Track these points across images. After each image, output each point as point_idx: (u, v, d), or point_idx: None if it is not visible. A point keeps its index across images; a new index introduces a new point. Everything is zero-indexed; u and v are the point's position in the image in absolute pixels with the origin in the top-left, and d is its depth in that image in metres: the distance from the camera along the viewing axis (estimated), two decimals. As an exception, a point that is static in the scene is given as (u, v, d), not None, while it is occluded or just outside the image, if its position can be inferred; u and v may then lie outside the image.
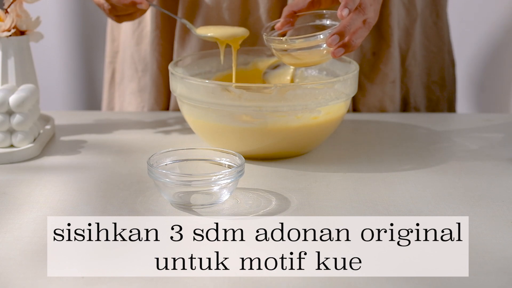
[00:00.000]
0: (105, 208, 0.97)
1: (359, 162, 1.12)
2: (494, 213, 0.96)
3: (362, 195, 1.01)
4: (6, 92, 1.13)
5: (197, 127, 1.14)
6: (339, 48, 1.08)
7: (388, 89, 1.36)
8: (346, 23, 1.07)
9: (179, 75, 1.12)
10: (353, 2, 1.06)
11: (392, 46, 1.34)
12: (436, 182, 1.05)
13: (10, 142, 1.14)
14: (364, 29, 1.09)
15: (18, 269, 0.83)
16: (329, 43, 1.07)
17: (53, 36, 2.37)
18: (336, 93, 1.10)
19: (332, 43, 1.07)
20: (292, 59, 1.12)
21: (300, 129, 1.10)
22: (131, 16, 1.23)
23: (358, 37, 1.08)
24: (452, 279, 0.82)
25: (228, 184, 0.96)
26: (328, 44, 1.07)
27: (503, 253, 0.87)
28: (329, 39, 1.07)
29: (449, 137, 1.25)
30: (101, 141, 1.21)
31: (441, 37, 1.40)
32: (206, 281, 0.81)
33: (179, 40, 1.33)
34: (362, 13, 1.08)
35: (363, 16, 1.08)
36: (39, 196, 1.01)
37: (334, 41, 1.07)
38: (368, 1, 1.08)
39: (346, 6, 1.06)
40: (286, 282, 0.81)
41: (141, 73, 1.39)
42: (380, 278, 0.82)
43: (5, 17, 1.17)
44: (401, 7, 1.35)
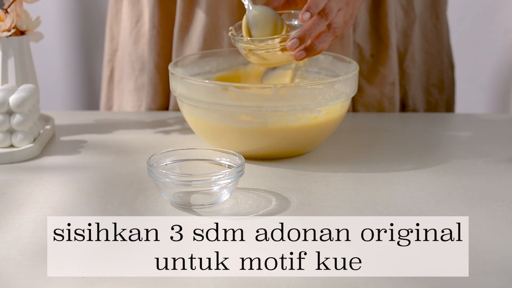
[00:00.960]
0: (105, 208, 0.97)
1: (359, 162, 1.12)
2: (494, 213, 0.96)
3: (362, 195, 1.01)
4: (6, 92, 1.13)
5: (197, 127, 1.14)
6: (301, 52, 1.09)
7: (387, 90, 1.36)
8: (307, 27, 1.07)
9: (179, 75, 1.12)
10: (315, 6, 1.06)
11: (390, 48, 1.34)
12: (436, 182, 1.05)
13: (10, 142, 1.14)
14: (328, 34, 1.09)
15: (18, 269, 0.83)
16: (289, 46, 1.08)
17: (53, 36, 2.37)
18: (336, 93, 1.10)
19: (292, 47, 1.08)
20: (259, 59, 1.13)
21: (300, 129, 1.10)
22: None
23: (321, 41, 1.09)
24: (452, 279, 0.82)
25: (228, 184, 0.96)
26: (288, 48, 1.08)
27: (503, 253, 0.87)
28: (289, 43, 1.08)
29: (449, 137, 1.25)
30: (101, 141, 1.21)
31: (440, 39, 1.40)
32: (206, 281, 0.81)
33: (178, 39, 1.32)
34: (325, 18, 1.08)
35: (325, 21, 1.08)
36: (39, 196, 1.01)
37: (294, 45, 1.08)
38: (335, 6, 1.08)
39: (308, 10, 1.06)
40: (286, 282, 0.81)
41: (138, 72, 1.38)
42: (380, 278, 0.82)
43: (5, 17, 1.17)
44: (399, 9, 1.35)
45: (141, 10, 1.36)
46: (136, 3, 1.36)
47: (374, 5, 1.33)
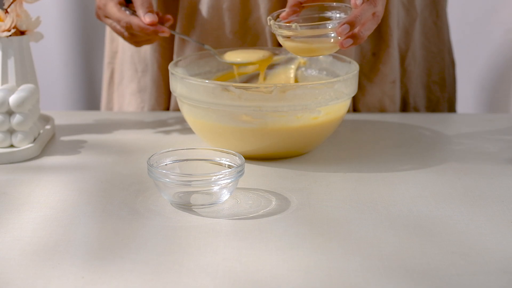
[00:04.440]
0: (105, 208, 0.97)
1: (359, 162, 1.12)
2: (494, 213, 0.96)
3: (362, 195, 1.01)
4: (6, 92, 1.13)
5: (197, 127, 1.14)
6: (348, 39, 1.08)
7: (388, 89, 1.36)
8: (358, 13, 1.07)
9: (179, 75, 1.12)
10: None
11: (391, 46, 1.34)
12: (436, 182, 1.06)
13: (10, 142, 1.14)
14: (372, 22, 1.09)
15: (18, 269, 0.83)
16: (339, 32, 1.07)
17: (53, 36, 2.37)
18: (336, 93, 1.10)
19: (343, 32, 1.06)
20: (297, 46, 1.12)
21: (300, 129, 1.10)
22: (149, 41, 1.25)
23: (366, 29, 1.08)
24: (452, 279, 0.82)
25: (228, 184, 0.96)
26: (338, 33, 1.07)
27: (503, 253, 0.87)
28: (340, 28, 1.06)
29: (449, 137, 1.25)
30: (101, 141, 1.21)
31: (441, 37, 1.40)
32: (206, 281, 0.81)
33: (179, 41, 1.33)
34: (373, 5, 1.07)
35: (373, 8, 1.08)
36: (39, 196, 1.01)
37: (345, 30, 1.06)
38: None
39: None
40: (286, 282, 0.81)
41: (141, 73, 1.39)
42: (380, 278, 0.82)
43: (5, 17, 1.17)
44: (401, 7, 1.35)
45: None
46: (137, 3, 1.36)
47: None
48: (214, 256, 0.86)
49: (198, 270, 0.83)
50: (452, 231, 0.92)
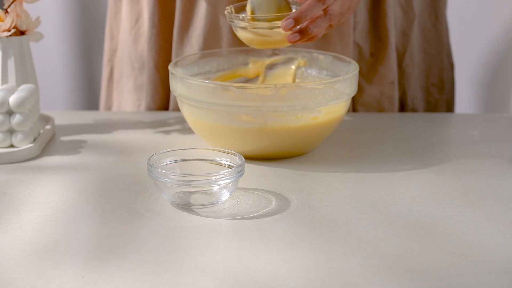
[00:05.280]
0: (105, 208, 0.97)
1: (359, 162, 1.12)
2: (494, 213, 0.96)
3: (362, 195, 1.01)
4: (6, 92, 1.13)
5: (197, 127, 1.14)
6: (295, 34, 1.08)
7: (386, 90, 1.36)
8: (304, 8, 1.07)
9: (179, 75, 1.12)
10: None
11: (389, 47, 1.34)
12: (436, 182, 1.05)
13: (10, 142, 1.14)
14: (324, 20, 1.09)
15: (18, 269, 0.83)
16: (283, 26, 1.07)
17: (53, 36, 2.37)
18: (336, 93, 1.10)
19: (287, 27, 1.07)
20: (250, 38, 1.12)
21: (300, 129, 1.10)
22: None
23: (316, 26, 1.08)
24: (452, 279, 0.82)
25: (228, 184, 0.96)
26: (282, 28, 1.08)
27: (503, 253, 0.87)
28: (284, 23, 1.07)
29: (449, 137, 1.25)
30: (101, 141, 1.21)
31: (440, 39, 1.40)
32: (206, 281, 0.81)
33: (178, 39, 1.32)
34: (322, 2, 1.08)
35: (322, 5, 1.08)
36: (39, 196, 1.01)
37: (289, 25, 1.07)
38: None
39: None
40: (286, 282, 0.81)
41: (138, 71, 1.39)
42: (380, 278, 0.82)
43: (5, 17, 1.17)
44: (398, 8, 1.35)
45: (141, 10, 1.36)
46: (136, 2, 1.36)
47: (374, 4, 1.33)
48: (214, 256, 0.86)
49: (198, 270, 0.83)
50: (452, 231, 0.92)
